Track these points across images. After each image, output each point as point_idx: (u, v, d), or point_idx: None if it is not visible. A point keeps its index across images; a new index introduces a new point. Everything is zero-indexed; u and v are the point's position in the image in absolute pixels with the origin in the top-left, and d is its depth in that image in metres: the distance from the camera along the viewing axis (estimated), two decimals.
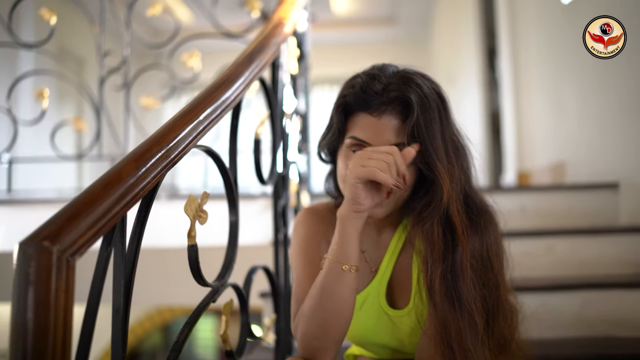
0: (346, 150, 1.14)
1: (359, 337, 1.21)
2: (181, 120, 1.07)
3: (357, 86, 1.14)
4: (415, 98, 1.07)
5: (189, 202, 1.09)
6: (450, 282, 1.06)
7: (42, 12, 2.81)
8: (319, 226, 1.26)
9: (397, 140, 1.09)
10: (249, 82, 1.35)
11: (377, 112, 1.10)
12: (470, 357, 1.03)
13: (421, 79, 1.12)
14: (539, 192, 2.65)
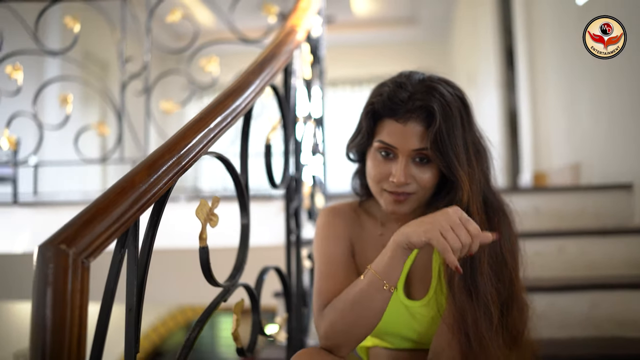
0: (374, 152, 1.23)
1: (377, 327, 1.24)
2: (192, 128, 1.13)
3: (384, 94, 1.21)
4: (437, 107, 1.15)
5: (200, 206, 1.14)
6: (468, 276, 1.14)
7: (66, 20, 2.89)
8: (340, 225, 1.35)
9: (421, 146, 1.17)
10: (260, 90, 1.40)
11: (402, 119, 1.18)
12: (485, 344, 1.11)
13: (445, 87, 1.20)
14: (552, 193, 2.67)
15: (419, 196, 1.22)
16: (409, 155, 1.19)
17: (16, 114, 2.90)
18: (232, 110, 1.25)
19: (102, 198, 0.91)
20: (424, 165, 1.20)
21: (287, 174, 1.64)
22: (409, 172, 1.19)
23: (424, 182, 1.20)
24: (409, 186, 1.20)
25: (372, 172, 1.24)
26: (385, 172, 1.21)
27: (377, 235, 1.34)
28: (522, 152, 4.56)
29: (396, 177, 1.18)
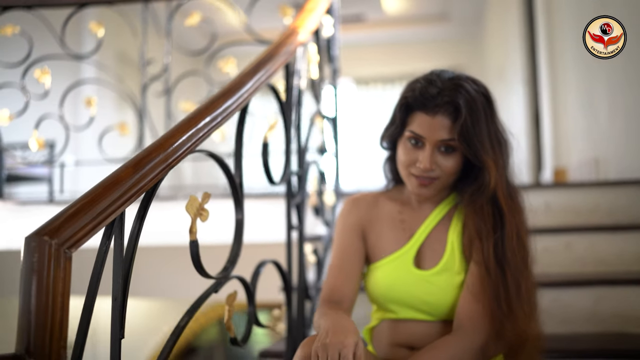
0: (405, 141, 1.38)
1: (383, 292, 1.41)
2: (180, 128, 1.20)
3: (416, 90, 1.36)
4: (463, 102, 1.30)
5: (190, 201, 1.21)
6: (500, 251, 1.30)
7: (91, 25, 3.00)
8: (354, 215, 1.51)
9: (446, 137, 1.32)
10: (254, 90, 1.46)
11: (431, 112, 1.33)
12: (515, 310, 1.26)
13: (471, 85, 1.34)
14: (564, 189, 2.66)
15: (442, 181, 1.37)
16: (435, 145, 1.34)
17: (44, 116, 3.02)
18: (222, 110, 1.31)
19: (88, 193, 0.98)
20: (448, 154, 1.35)
21: (287, 171, 1.70)
22: (434, 159, 1.34)
23: (447, 169, 1.35)
24: (434, 172, 1.35)
25: (402, 158, 1.39)
26: (413, 158, 1.36)
27: (396, 213, 1.49)
28: (545, 148, 4.54)
29: (423, 164, 1.33)
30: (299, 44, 1.80)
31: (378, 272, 1.43)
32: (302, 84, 1.91)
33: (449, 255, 1.38)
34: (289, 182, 1.73)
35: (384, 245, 1.45)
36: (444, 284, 1.36)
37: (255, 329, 1.49)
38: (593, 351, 1.75)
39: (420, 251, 1.42)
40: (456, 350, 1.26)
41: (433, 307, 1.36)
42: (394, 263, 1.42)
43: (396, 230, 1.46)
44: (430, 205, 1.46)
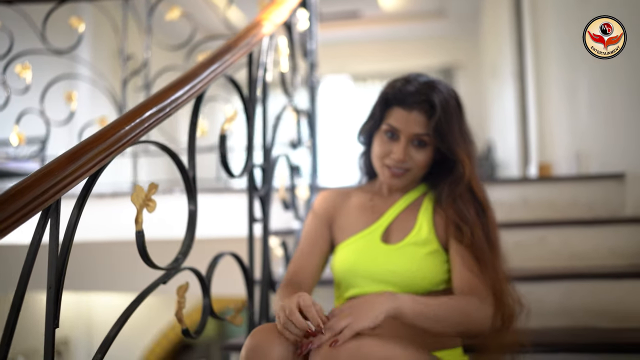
0: (381, 134, 1.50)
1: (350, 267, 1.49)
2: (123, 119, 1.19)
3: (396, 87, 1.49)
4: (438, 101, 1.43)
5: (136, 192, 1.21)
6: (488, 235, 1.43)
7: (72, 20, 2.99)
8: (322, 206, 1.63)
9: (422, 131, 1.45)
10: (209, 81, 1.45)
11: (408, 108, 1.46)
12: (503, 281, 1.40)
13: (444, 88, 1.49)
14: (542, 184, 2.65)
15: (413, 173, 1.49)
16: (410, 138, 1.46)
17: (25, 111, 3.01)
18: (171, 101, 1.31)
19: (18, 184, 0.98)
20: (421, 148, 1.47)
21: (248, 164, 1.69)
22: (408, 152, 1.46)
23: (419, 162, 1.47)
24: (407, 164, 1.47)
25: (377, 150, 1.50)
26: (388, 150, 1.48)
27: (367, 200, 1.60)
28: (531, 142, 4.52)
29: (397, 155, 1.45)
30: (263, 36, 1.79)
31: (346, 249, 1.52)
32: (268, 76, 1.89)
33: (416, 231, 1.48)
34: (251, 175, 1.71)
35: (352, 226, 1.55)
36: (409, 254, 1.45)
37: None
38: (562, 345, 1.74)
39: (389, 229, 1.53)
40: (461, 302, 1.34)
41: (398, 276, 1.44)
42: (362, 240, 1.52)
43: (366, 212, 1.57)
44: (400, 194, 1.57)
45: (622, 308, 1.92)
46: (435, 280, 1.45)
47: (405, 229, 1.50)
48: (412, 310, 1.22)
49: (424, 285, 1.43)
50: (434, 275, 1.44)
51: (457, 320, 1.31)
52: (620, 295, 1.92)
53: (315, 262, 1.55)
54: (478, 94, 8.60)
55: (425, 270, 1.44)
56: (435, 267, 1.45)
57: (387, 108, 1.50)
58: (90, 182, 1.13)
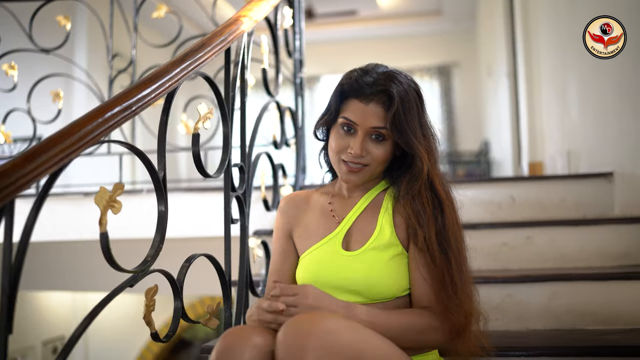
0: (338, 128, 1.43)
1: (312, 277, 1.42)
2: (85, 118, 1.16)
3: (352, 78, 1.42)
4: (396, 92, 1.35)
5: (100, 193, 1.18)
6: (443, 237, 1.35)
7: (58, 18, 2.96)
8: (286, 217, 1.56)
9: (379, 124, 1.37)
10: (180, 79, 1.43)
11: (365, 100, 1.38)
12: (459, 292, 1.31)
13: (404, 79, 1.41)
14: (529, 183, 2.62)
15: (371, 169, 1.42)
16: (367, 132, 1.38)
17: (12, 110, 2.99)
18: (137, 100, 1.28)
19: None
20: (379, 142, 1.40)
21: (224, 163, 1.66)
22: (365, 146, 1.39)
23: (377, 156, 1.40)
24: (364, 158, 1.39)
25: (333, 144, 1.43)
26: (345, 144, 1.40)
27: (326, 205, 1.53)
28: (522, 141, 4.49)
29: (353, 149, 1.38)
30: (241, 33, 1.76)
31: (307, 259, 1.46)
32: (247, 74, 1.87)
33: (377, 235, 1.41)
34: (227, 174, 1.68)
35: (312, 235, 1.49)
36: (370, 261, 1.38)
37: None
38: (547, 348, 1.70)
39: (349, 234, 1.46)
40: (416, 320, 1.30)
41: (360, 285, 1.36)
42: (322, 248, 1.45)
43: (326, 219, 1.50)
44: (360, 193, 1.50)
45: (608, 310, 1.88)
46: (400, 287, 1.37)
47: (366, 233, 1.43)
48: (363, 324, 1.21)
49: (388, 293, 1.36)
50: (398, 281, 1.37)
51: (410, 338, 1.29)
52: (606, 297, 1.89)
53: (290, 277, 1.52)
54: (474, 93, 8.59)
55: (388, 277, 1.36)
56: (399, 273, 1.38)
57: (344, 100, 1.42)
58: (49, 182, 1.10)
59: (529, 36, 4.25)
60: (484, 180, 2.80)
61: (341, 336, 1.08)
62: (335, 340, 1.07)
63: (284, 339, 1.09)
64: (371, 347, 1.14)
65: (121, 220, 2.76)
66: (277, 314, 1.22)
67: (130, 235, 2.39)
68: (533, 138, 4.19)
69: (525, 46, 4.33)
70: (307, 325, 1.08)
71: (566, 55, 3.19)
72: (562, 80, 3.34)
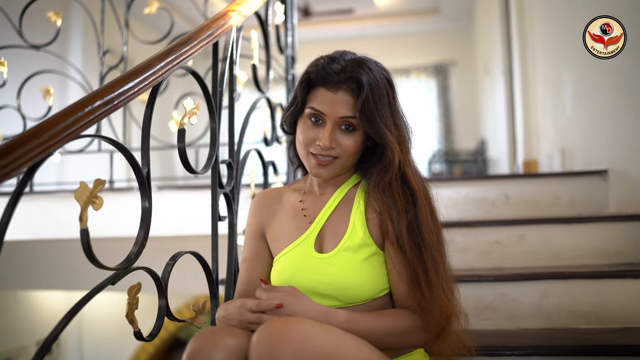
0: (305, 119, 1.35)
1: (286, 282, 1.34)
2: (63, 113, 1.14)
3: (319, 65, 1.34)
4: (366, 79, 1.28)
5: (80, 189, 1.15)
6: (416, 231, 1.26)
7: (49, 14, 2.94)
8: (258, 216, 1.48)
9: (348, 114, 1.30)
10: (165, 73, 1.40)
11: (333, 88, 1.31)
12: (435, 291, 1.23)
13: (373, 65, 1.33)
14: (523, 181, 2.60)
15: (342, 161, 1.34)
16: (336, 122, 1.31)
17: (1, 107, 2.97)
18: (119, 94, 1.25)
19: None
20: (349, 133, 1.32)
21: (211, 160, 1.63)
22: (334, 137, 1.31)
23: (347, 148, 1.32)
24: (334, 150, 1.32)
25: (301, 137, 1.35)
26: (313, 136, 1.33)
27: (297, 203, 1.45)
28: (517, 139, 4.48)
29: (322, 141, 1.30)
30: (229, 28, 1.73)
31: (280, 262, 1.39)
32: (236, 69, 1.84)
33: (349, 234, 1.33)
34: (215, 171, 1.66)
35: (285, 236, 1.41)
36: (344, 263, 1.30)
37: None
38: (537, 347, 1.68)
39: (322, 235, 1.38)
40: (397, 322, 1.25)
41: (334, 288, 1.29)
42: (295, 250, 1.37)
43: (297, 219, 1.42)
44: (332, 190, 1.43)
45: (601, 309, 1.87)
46: (377, 289, 1.30)
47: (339, 233, 1.35)
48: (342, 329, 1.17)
49: (364, 296, 1.29)
50: (374, 283, 1.29)
51: (392, 340, 1.24)
52: (599, 296, 1.87)
53: (264, 279, 1.40)
54: (471, 92, 8.57)
55: (362, 280, 1.28)
56: (374, 274, 1.30)
57: (311, 90, 1.35)
58: (26, 177, 1.07)
59: (524, 34, 4.24)
60: (478, 178, 2.78)
61: (315, 342, 1.05)
62: (309, 346, 1.03)
63: (257, 344, 1.06)
64: (347, 352, 1.11)
65: (116, 217, 2.76)
66: (262, 313, 1.19)
67: (127, 233, 2.36)
68: (528, 136, 4.17)
69: (520, 44, 4.32)
70: (280, 331, 1.05)
71: (561, 53, 3.18)
72: (557, 78, 3.32)
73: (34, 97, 3.04)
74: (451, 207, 2.51)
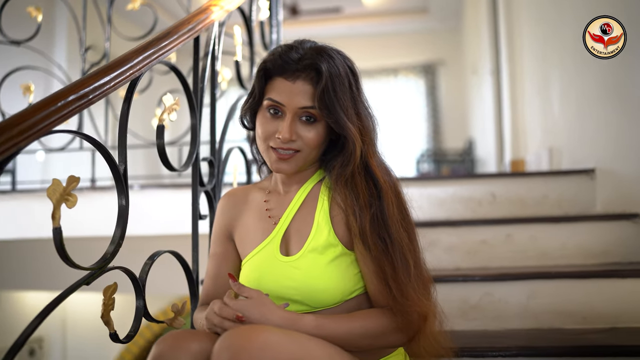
0: (264, 111, 1.29)
1: (253, 285, 1.28)
2: (34, 107, 1.10)
3: (276, 54, 1.28)
4: (325, 67, 1.22)
5: (53, 185, 1.12)
6: (381, 225, 1.19)
7: (29, 9, 2.89)
8: (226, 217, 1.42)
9: (308, 104, 1.24)
10: (142, 67, 1.36)
11: (292, 77, 1.24)
12: (405, 289, 1.17)
13: (335, 53, 1.28)
14: (510, 180, 2.58)
15: (304, 155, 1.27)
16: (296, 113, 1.25)
17: None
18: (93, 89, 1.21)
19: None
20: (310, 125, 1.26)
21: (192, 157, 1.60)
22: (295, 129, 1.25)
23: (309, 140, 1.25)
24: (295, 143, 1.25)
25: (260, 130, 1.29)
26: (272, 129, 1.26)
27: (262, 203, 1.39)
28: (505, 138, 4.47)
29: (282, 134, 1.23)
30: (211, 22, 1.70)
31: (247, 267, 1.33)
32: (218, 65, 1.81)
33: (314, 235, 1.27)
34: (195, 169, 1.62)
35: (251, 239, 1.35)
36: (309, 266, 1.24)
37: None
38: (523, 348, 1.66)
39: (287, 236, 1.32)
40: (371, 324, 1.19)
41: (300, 293, 1.23)
42: (260, 254, 1.31)
43: (262, 221, 1.36)
44: (296, 187, 1.36)
45: (588, 309, 1.85)
46: (345, 291, 1.23)
47: (303, 234, 1.28)
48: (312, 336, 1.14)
49: (332, 299, 1.22)
50: (342, 285, 1.23)
51: (368, 342, 1.20)
52: (586, 296, 1.86)
53: (227, 281, 1.34)
54: (459, 92, 8.57)
55: (329, 283, 1.22)
56: (341, 276, 1.23)
57: (269, 80, 1.28)
58: None
59: (512, 34, 4.23)
60: (465, 177, 2.77)
61: (278, 351, 1.01)
62: (271, 356, 1.00)
63: (217, 353, 1.03)
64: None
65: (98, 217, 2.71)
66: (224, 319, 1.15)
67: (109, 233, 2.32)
68: (515, 135, 4.17)
69: (508, 44, 4.31)
70: (241, 341, 1.01)
71: (549, 53, 3.17)
72: (544, 77, 3.31)
73: (17, 94, 2.99)
74: (438, 206, 2.48)
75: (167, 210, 2.49)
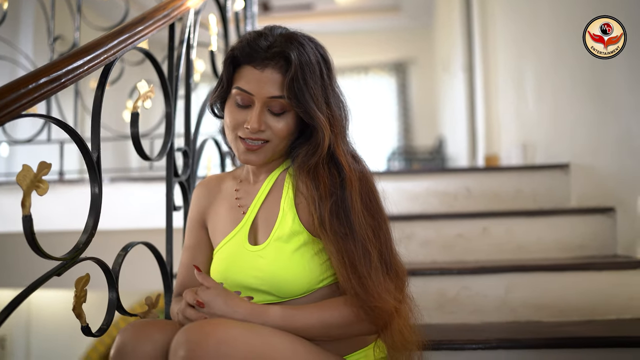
0: (232, 100, 1.25)
1: (223, 278, 1.26)
2: (1, 90, 1.05)
3: (245, 41, 1.24)
4: (295, 55, 1.19)
5: (23, 171, 1.07)
6: (342, 215, 1.17)
7: None
8: (199, 206, 1.40)
9: (276, 93, 1.20)
10: (116, 52, 1.33)
11: (260, 65, 1.21)
12: (366, 283, 1.13)
13: (306, 40, 1.24)
14: (486, 174, 2.58)
15: (273, 146, 1.24)
16: (265, 103, 1.21)
17: None
18: (66, 72, 1.17)
19: None
20: (279, 115, 1.23)
21: (166, 146, 1.56)
22: (264, 119, 1.22)
23: (278, 131, 1.23)
24: (263, 134, 1.22)
25: (228, 120, 1.25)
26: (241, 119, 1.23)
27: (232, 192, 1.36)
28: (478, 134, 4.49)
29: (250, 124, 1.20)
30: (185, 10, 1.66)
31: (217, 257, 1.31)
32: (193, 54, 1.77)
33: (279, 223, 1.24)
34: (170, 159, 1.58)
35: (221, 228, 1.33)
36: (274, 255, 1.21)
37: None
38: (500, 341, 1.65)
39: (255, 225, 1.29)
40: (339, 313, 1.16)
41: (266, 283, 1.20)
42: (230, 244, 1.29)
43: (232, 210, 1.33)
44: (264, 176, 1.33)
45: (564, 302, 1.85)
46: (312, 280, 1.20)
47: (270, 222, 1.25)
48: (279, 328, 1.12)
49: (299, 289, 1.20)
50: (308, 274, 1.20)
51: (338, 332, 1.17)
52: (562, 289, 1.86)
53: (205, 270, 1.34)
54: (430, 90, 8.63)
55: (295, 272, 1.19)
56: (306, 265, 1.20)
57: (237, 68, 1.25)
58: None
59: (486, 29, 4.25)
60: (438, 171, 2.76)
61: (235, 347, 0.99)
62: (228, 353, 0.98)
63: (174, 348, 1.01)
64: (277, 354, 1.06)
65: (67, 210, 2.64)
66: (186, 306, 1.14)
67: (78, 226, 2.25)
68: (489, 131, 4.19)
69: (482, 39, 4.33)
70: (197, 336, 0.99)
71: (523, 48, 3.19)
72: (519, 72, 3.33)
73: None
74: (412, 200, 2.48)
75: (138, 203, 2.43)
